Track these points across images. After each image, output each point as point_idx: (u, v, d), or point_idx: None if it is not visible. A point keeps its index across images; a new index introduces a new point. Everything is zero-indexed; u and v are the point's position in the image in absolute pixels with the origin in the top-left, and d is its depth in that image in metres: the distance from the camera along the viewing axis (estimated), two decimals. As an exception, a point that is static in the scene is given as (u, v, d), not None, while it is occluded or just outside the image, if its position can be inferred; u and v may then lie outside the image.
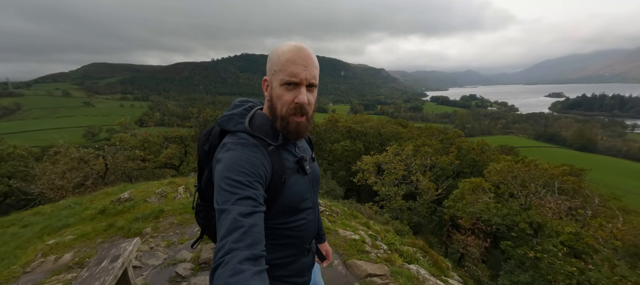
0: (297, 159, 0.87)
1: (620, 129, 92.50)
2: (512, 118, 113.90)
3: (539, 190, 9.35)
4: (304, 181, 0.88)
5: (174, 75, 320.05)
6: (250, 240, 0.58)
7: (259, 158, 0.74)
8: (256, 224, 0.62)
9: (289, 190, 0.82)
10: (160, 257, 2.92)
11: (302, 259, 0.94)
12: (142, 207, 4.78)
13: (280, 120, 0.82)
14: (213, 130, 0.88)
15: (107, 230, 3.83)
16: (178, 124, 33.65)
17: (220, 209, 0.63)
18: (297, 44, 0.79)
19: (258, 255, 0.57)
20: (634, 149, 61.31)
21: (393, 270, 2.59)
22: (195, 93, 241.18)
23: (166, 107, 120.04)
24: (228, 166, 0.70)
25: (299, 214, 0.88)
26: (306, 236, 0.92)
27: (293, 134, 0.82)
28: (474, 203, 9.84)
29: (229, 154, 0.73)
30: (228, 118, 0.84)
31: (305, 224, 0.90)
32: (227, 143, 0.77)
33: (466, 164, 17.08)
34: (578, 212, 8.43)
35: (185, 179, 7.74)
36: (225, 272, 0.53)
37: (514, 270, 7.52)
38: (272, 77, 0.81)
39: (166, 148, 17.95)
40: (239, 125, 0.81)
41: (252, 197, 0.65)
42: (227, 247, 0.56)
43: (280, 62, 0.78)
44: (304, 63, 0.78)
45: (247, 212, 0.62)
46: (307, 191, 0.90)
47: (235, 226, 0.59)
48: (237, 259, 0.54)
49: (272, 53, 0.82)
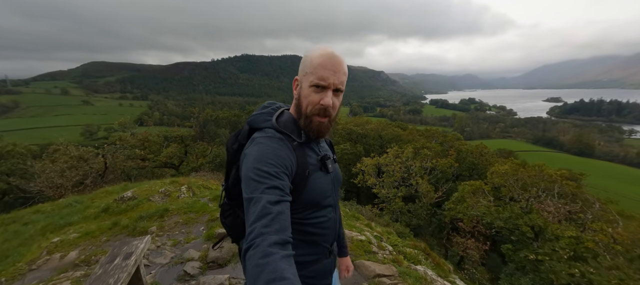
0: (320, 157, 0.91)
1: (617, 134, 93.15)
2: (511, 122, 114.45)
3: (540, 194, 9.39)
4: (326, 179, 0.91)
5: (173, 75, 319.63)
6: (278, 226, 0.61)
7: (285, 151, 0.78)
8: (283, 211, 0.64)
9: (313, 185, 0.85)
10: (167, 255, 2.92)
11: (324, 260, 0.95)
12: (146, 206, 4.77)
13: (304, 118, 0.86)
14: (242, 130, 0.93)
15: (111, 229, 3.83)
16: (178, 124, 33.59)
17: (249, 197, 0.67)
18: (329, 49, 0.84)
19: (286, 241, 0.60)
20: (631, 155, 61.69)
21: (401, 271, 2.60)
22: (195, 93, 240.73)
23: (166, 106, 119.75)
24: (257, 158, 0.73)
25: (321, 210, 0.90)
26: (328, 234, 0.94)
27: (314, 133, 0.87)
28: (474, 206, 9.87)
29: (257, 147, 0.77)
30: (257, 116, 0.89)
31: (326, 222, 0.92)
32: (256, 138, 0.82)
33: (465, 167, 17.13)
34: (578, 216, 8.47)
35: (187, 179, 7.73)
36: (256, 253, 0.56)
37: (514, 273, 7.54)
38: (303, 78, 0.86)
39: (166, 147, 17.92)
40: (267, 122, 0.86)
41: (279, 186, 0.68)
42: (257, 230, 0.59)
43: (312, 65, 0.83)
44: (334, 69, 0.82)
45: (275, 200, 0.65)
46: (329, 189, 0.92)
47: (265, 212, 0.62)
48: (267, 243, 0.57)
49: (306, 56, 0.87)
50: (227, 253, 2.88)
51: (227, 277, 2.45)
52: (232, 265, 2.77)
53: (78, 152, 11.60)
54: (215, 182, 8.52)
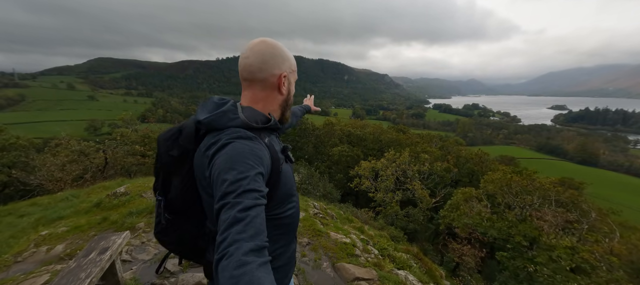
0: (281, 149, 0.90)
1: (622, 144, 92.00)
2: (514, 129, 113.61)
3: (536, 202, 9.31)
4: (290, 169, 0.94)
5: (178, 73, 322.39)
6: (252, 231, 0.57)
7: (260, 149, 0.75)
8: (258, 215, 0.61)
9: (285, 178, 0.86)
10: (151, 252, 2.94)
11: (292, 246, 0.98)
12: (138, 202, 4.80)
13: (289, 109, 0.98)
14: (182, 132, 0.84)
15: (100, 224, 3.86)
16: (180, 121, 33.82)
17: (222, 203, 0.62)
18: None
19: (261, 246, 0.57)
20: (636, 165, 60.93)
21: (381, 275, 2.60)
22: (199, 91, 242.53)
23: (169, 104, 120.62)
24: (231, 158, 0.68)
25: (291, 199, 0.91)
26: (297, 222, 0.98)
27: (288, 120, 1.00)
28: (469, 213, 9.80)
29: (230, 148, 0.71)
30: (219, 115, 0.80)
31: (296, 210, 0.95)
32: (222, 138, 0.74)
33: (464, 173, 17.04)
34: (574, 225, 8.37)
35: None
36: (230, 263, 0.52)
37: (508, 281, 7.48)
38: (290, 75, 0.94)
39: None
40: (234, 120, 0.79)
41: (255, 189, 0.65)
42: (230, 238, 0.55)
43: (294, 63, 0.96)
44: None
45: (250, 205, 0.61)
46: (293, 177, 0.96)
47: (238, 218, 0.58)
48: (242, 251, 0.53)
49: (285, 52, 0.91)
50: (210, 251, 2.90)
51: (206, 275, 2.46)
52: (214, 263, 2.79)
53: (79, 146, 11.72)
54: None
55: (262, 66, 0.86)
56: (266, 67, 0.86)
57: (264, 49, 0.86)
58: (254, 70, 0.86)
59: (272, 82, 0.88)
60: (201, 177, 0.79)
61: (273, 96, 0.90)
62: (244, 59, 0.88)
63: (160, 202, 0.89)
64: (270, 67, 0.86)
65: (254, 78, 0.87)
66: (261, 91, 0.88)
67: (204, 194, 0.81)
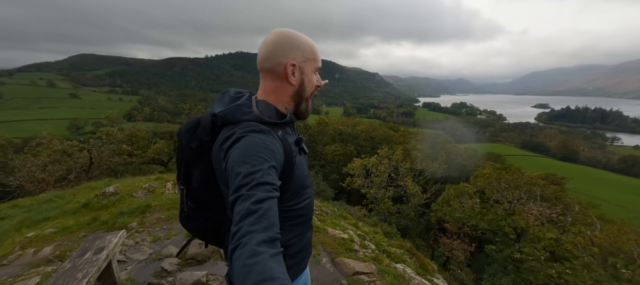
0: (296, 140, 0.90)
1: (601, 141, 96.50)
2: (500, 127, 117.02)
3: (523, 197, 9.64)
4: (303, 160, 0.93)
5: (165, 70, 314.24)
6: (266, 223, 0.59)
7: (273, 143, 0.75)
8: (271, 207, 0.62)
9: (298, 171, 0.86)
10: (145, 251, 2.87)
11: (307, 235, 0.99)
12: (128, 201, 4.67)
13: (305, 102, 0.92)
14: (199, 124, 0.86)
15: (90, 224, 3.73)
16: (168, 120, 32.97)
17: (236, 195, 0.63)
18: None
19: (274, 238, 0.58)
20: (613, 161, 63.94)
21: (380, 269, 2.63)
22: (187, 89, 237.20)
23: (157, 102, 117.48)
24: (245, 152, 0.70)
25: (306, 190, 0.92)
26: (311, 212, 0.98)
27: (309, 113, 0.95)
28: (460, 208, 10.05)
29: (244, 141, 0.73)
30: (234, 109, 0.82)
31: (310, 200, 0.95)
32: (236, 132, 0.76)
33: (454, 170, 17.43)
34: (559, 218, 8.73)
35: (174, 175, 7.62)
36: (243, 253, 0.53)
37: (496, 274, 7.72)
38: (304, 63, 0.88)
39: (155, 143, 17.58)
40: (248, 114, 0.81)
41: (268, 182, 0.66)
42: (244, 229, 0.57)
43: (312, 51, 0.89)
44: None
45: (263, 197, 0.62)
46: (307, 169, 0.95)
47: (252, 210, 0.60)
48: (255, 241, 0.55)
49: (299, 40, 0.86)
50: (208, 250, 2.85)
51: (205, 273, 2.43)
52: (212, 261, 2.75)
53: (62, 146, 11.28)
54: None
55: (268, 56, 0.85)
56: (272, 56, 0.85)
57: (272, 39, 0.85)
58: (262, 60, 0.86)
59: (280, 72, 0.85)
60: (218, 170, 0.81)
61: (283, 87, 0.88)
62: (258, 52, 0.89)
63: (183, 191, 0.93)
64: (276, 56, 0.84)
65: (262, 68, 0.88)
66: (271, 82, 0.88)
67: (222, 185, 0.83)
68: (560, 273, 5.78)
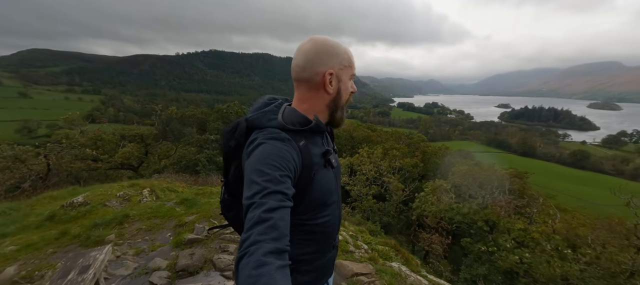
0: (323, 152, 0.88)
1: (554, 137, 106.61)
2: (468, 125, 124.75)
3: (494, 191, 10.37)
4: (330, 175, 0.90)
5: (131, 68, 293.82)
6: (275, 234, 0.58)
7: (290, 152, 0.75)
8: (282, 218, 0.62)
9: (319, 185, 0.83)
10: (129, 266, 2.66)
11: (328, 255, 0.96)
12: (101, 212, 4.31)
13: (341, 109, 0.91)
14: (238, 126, 0.88)
15: (59, 239, 3.38)
16: (137, 122, 30.82)
17: (249, 202, 0.63)
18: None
19: (282, 249, 0.57)
20: (565, 156, 70.95)
21: (377, 269, 2.68)
22: (157, 89, 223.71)
23: (122, 102, 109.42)
24: (260, 160, 0.70)
25: (326, 209, 0.89)
26: (332, 232, 0.94)
27: (343, 120, 0.94)
28: (438, 203, 10.57)
29: (261, 148, 0.73)
30: (260, 115, 0.84)
31: (331, 219, 0.91)
32: (258, 137, 0.77)
33: (430, 167, 18.26)
34: (526, 210, 9.51)
35: (150, 181, 7.16)
36: (249, 263, 0.53)
37: (472, 264, 8.23)
38: (341, 71, 0.87)
39: (123, 147, 16.38)
40: (272, 120, 0.82)
41: (282, 191, 0.65)
42: (252, 238, 0.56)
43: (349, 58, 0.88)
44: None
45: (275, 206, 0.62)
46: (334, 186, 0.92)
47: (262, 219, 0.59)
48: (262, 251, 0.54)
49: (335, 48, 0.86)
50: (199, 260, 2.72)
51: (199, 285, 2.31)
52: (205, 272, 2.62)
53: (13, 151, 10.16)
54: (181, 184, 8.00)
55: (305, 65, 0.84)
56: (310, 65, 0.84)
57: (309, 47, 0.84)
58: (299, 70, 0.85)
59: (317, 82, 0.85)
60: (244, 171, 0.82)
61: (319, 96, 0.87)
62: (293, 60, 0.88)
63: (223, 183, 0.98)
64: (314, 66, 0.83)
65: (298, 78, 0.86)
66: (307, 92, 0.87)
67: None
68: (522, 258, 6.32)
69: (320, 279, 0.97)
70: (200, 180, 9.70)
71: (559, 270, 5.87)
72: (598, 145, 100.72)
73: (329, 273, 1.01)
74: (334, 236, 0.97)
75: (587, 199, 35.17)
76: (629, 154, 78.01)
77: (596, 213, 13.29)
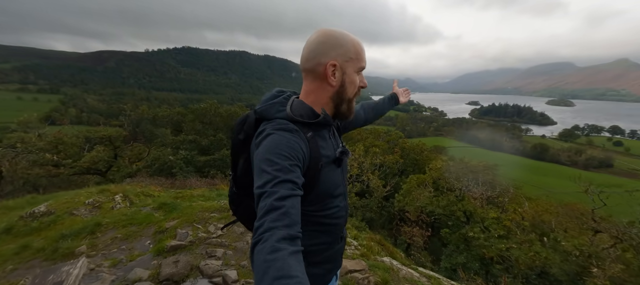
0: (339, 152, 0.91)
1: (518, 132, 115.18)
2: (442, 122, 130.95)
3: (469, 183, 10.97)
4: (337, 171, 0.91)
5: (95, 65, 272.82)
6: (288, 221, 0.60)
7: (298, 143, 0.76)
8: (294, 206, 0.63)
9: (325, 177, 0.85)
10: (106, 279, 2.43)
11: (336, 246, 0.98)
12: (68, 221, 3.93)
13: (347, 103, 0.90)
14: (247, 119, 0.90)
15: (20, 254, 3.02)
16: (103, 123, 28.54)
17: (260, 191, 0.65)
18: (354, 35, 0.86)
19: (295, 236, 0.59)
20: (528, 149, 76.99)
21: (370, 265, 2.69)
22: (125, 87, 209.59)
23: (85, 102, 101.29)
24: (269, 150, 0.72)
25: (334, 200, 0.91)
26: (340, 223, 0.96)
27: (350, 114, 0.92)
28: (419, 197, 10.97)
29: (270, 139, 0.75)
30: (269, 106, 0.85)
31: (339, 211, 0.94)
32: (267, 128, 0.79)
33: (409, 163, 18.87)
34: (499, 200, 10.17)
35: (122, 186, 6.66)
36: (264, 248, 0.55)
37: (452, 254, 8.63)
38: (346, 63, 0.85)
39: (89, 151, 15.16)
40: (281, 112, 0.83)
41: (292, 180, 0.67)
42: (266, 225, 0.58)
43: (356, 50, 0.86)
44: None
45: (286, 194, 0.63)
46: (340, 179, 0.93)
47: (274, 207, 0.61)
48: (276, 238, 0.56)
49: (341, 39, 0.84)
50: (185, 267, 2.56)
51: (187, 294, 2.17)
52: (191, 280, 2.47)
53: (-44, 158, 9.04)
54: (156, 188, 7.56)
55: (309, 56, 0.85)
56: (313, 56, 0.84)
57: (314, 38, 0.84)
58: (304, 61, 0.86)
59: (320, 72, 0.84)
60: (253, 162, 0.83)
61: (323, 88, 0.86)
62: (302, 51, 0.88)
63: (232, 177, 0.99)
64: (317, 56, 0.83)
65: (304, 68, 0.88)
66: (311, 82, 0.88)
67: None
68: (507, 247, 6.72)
69: (329, 271, 0.98)
70: (178, 183, 9.25)
71: (530, 255, 6.32)
72: (555, 138, 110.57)
73: (338, 265, 1.03)
74: (342, 228, 0.99)
75: (547, 188, 38.35)
76: (581, 146, 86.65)
77: (555, 200, 14.60)
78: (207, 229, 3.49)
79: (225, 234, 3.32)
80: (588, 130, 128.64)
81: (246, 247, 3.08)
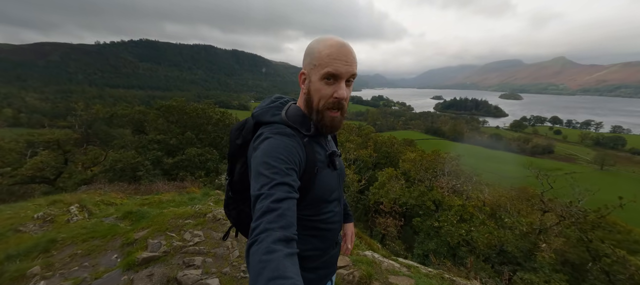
0: (328, 153, 0.91)
1: (476, 124, 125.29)
2: (410, 116, 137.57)
3: (437, 173, 11.70)
4: (333, 175, 0.92)
5: (35, 59, 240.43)
6: (283, 222, 0.60)
7: (295, 147, 0.78)
8: (290, 208, 0.64)
9: (320, 182, 0.85)
10: (68, 302, 2.19)
11: (331, 251, 0.98)
12: (15, 239, 3.45)
13: (316, 113, 0.85)
14: (246, 124, 0.92)
15: (-48, 283, 2.59)
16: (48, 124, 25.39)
17: (257, 193, 0.66)
18: (337, 39, 0.82)
19: (290, 238, 0.59)
20: (485, 139, 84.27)
21: (353, 259, 2.75)
22: (72, 84, 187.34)
23: (24, 101, 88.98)
24: (266, 153, 0.73)
25: (328, 205, 0.91)
26: (334, 228, 0.96)
27: (328, 128, 0.86)
28: (392, 189, 11.46)
29: (268, 142, 0.76)
30: (265, 111, 0.88)
31: (333, 216, 0.94)
32: (265, 132, 0.81)
33: (382, 156, 19.58)
34: (463, 188, 10.99)
35: (77, 195, 6.02)
36: (260, 249, 0.55)
37: (424, 241, 9.18)
38: (311, 71, 0.83)
39: (32, 156, 13.42)
40: (276, 116, 0.86)
41: (288, 183, 0.68)
42: (262, 226, 0.59)
43: (321, 56, 0.80)
44: (345, 59, 0.80)
45: (283, 197, 0.64)
46: (335, 184, 0.93)
47: (271, 208, 0.62)
48: (271, 239, 0.57)
49: (312, 47, 0.83)
50: (160, 280, 2.39)
51: (166, 309, 2.03)
52: (169, 293, 2.32)
53: None
54: (118, 195, 6.95)
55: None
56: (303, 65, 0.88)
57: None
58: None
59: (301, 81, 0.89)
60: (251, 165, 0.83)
61: (301, 94, 0.90)
62: None
63: (227, 182, 1.00)
64: (302, 65, 0.88)
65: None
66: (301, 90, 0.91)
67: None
68: (467, 231, 7.30)
69: (324, 277, 0.99)
70: (143, 189, 8.57)
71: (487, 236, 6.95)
72: (507, 129, 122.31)
73: (333, 271, 1.04)
74: (337, 233, 1.00)
75: (501, 174, 42.38)
76: (528, 135, 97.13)
77: (508, 185, 16.21)
78: (182, 237, 3.29)
79: (204, 241, 3.16)
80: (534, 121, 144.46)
81: (227, 253, 2.97)
